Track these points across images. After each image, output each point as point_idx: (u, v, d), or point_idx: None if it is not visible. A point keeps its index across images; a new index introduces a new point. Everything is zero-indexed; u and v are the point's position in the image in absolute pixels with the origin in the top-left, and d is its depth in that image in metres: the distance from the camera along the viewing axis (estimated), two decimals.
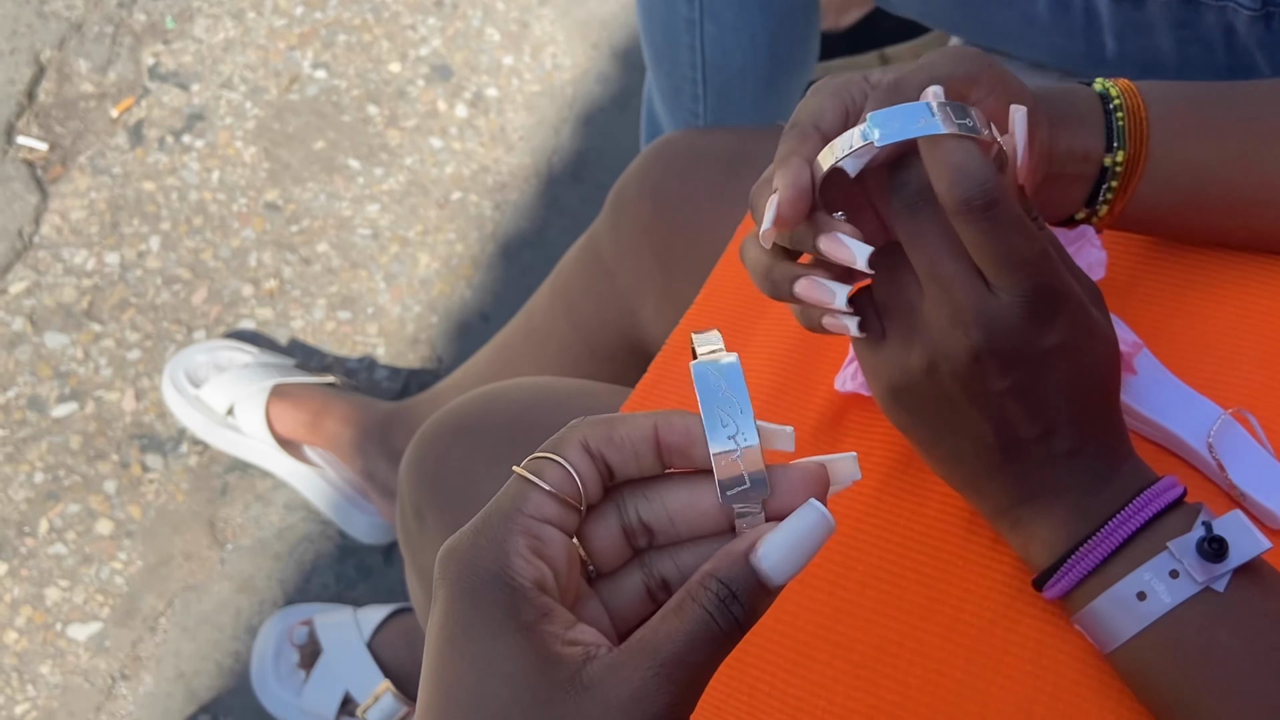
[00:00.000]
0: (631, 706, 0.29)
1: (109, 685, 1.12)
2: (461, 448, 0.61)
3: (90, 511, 1.19)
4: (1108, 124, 0.51)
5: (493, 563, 0.31)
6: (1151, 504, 0.45)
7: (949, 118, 0.42)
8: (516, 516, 0.31)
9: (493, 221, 1.34)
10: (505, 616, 0.30)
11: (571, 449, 0.33)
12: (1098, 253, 0.57)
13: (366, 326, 1.28)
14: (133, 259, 1.32)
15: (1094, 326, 0.45)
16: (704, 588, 0.31)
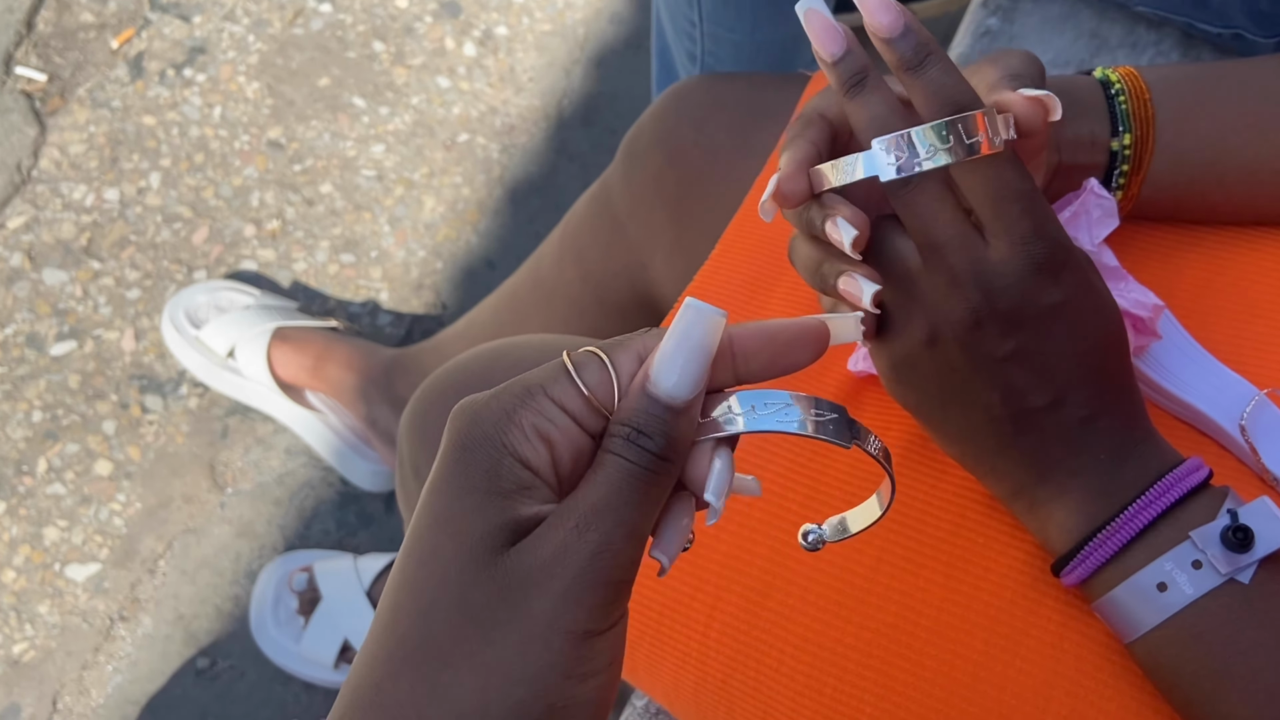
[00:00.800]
0: (553, 565, 0.29)
1: (107, 626, 1.11)
2: None
3: (89, 452, 1.17)
4: (1110, 109, 0.52)
5: (493, 427, 0.30)
6: (1174, 489, 0.43)
7: (959, 142, 0.40)
8: (536, 394, 0.31)
9: (500, 165, 1.31)
10: (481, 478, 0.30)
11: (625, 354, 0.31)
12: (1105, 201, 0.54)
13: (370, 270, 1.26)
14: (133, 195, 1.29)
15: (1096, 285, 0.44)
16: (611, 435, 0.30)
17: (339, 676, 1.06)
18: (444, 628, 0.29)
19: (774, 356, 0.32)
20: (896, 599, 0.48)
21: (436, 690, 0.28)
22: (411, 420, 0.61)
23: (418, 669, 0.29)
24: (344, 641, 1.05)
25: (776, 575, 0.50)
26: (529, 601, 0.28)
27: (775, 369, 0.32)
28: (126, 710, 1.08)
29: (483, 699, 0.28)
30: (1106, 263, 0.53)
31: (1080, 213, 0.54)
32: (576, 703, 0.29)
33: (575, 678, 0.29)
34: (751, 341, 0.32)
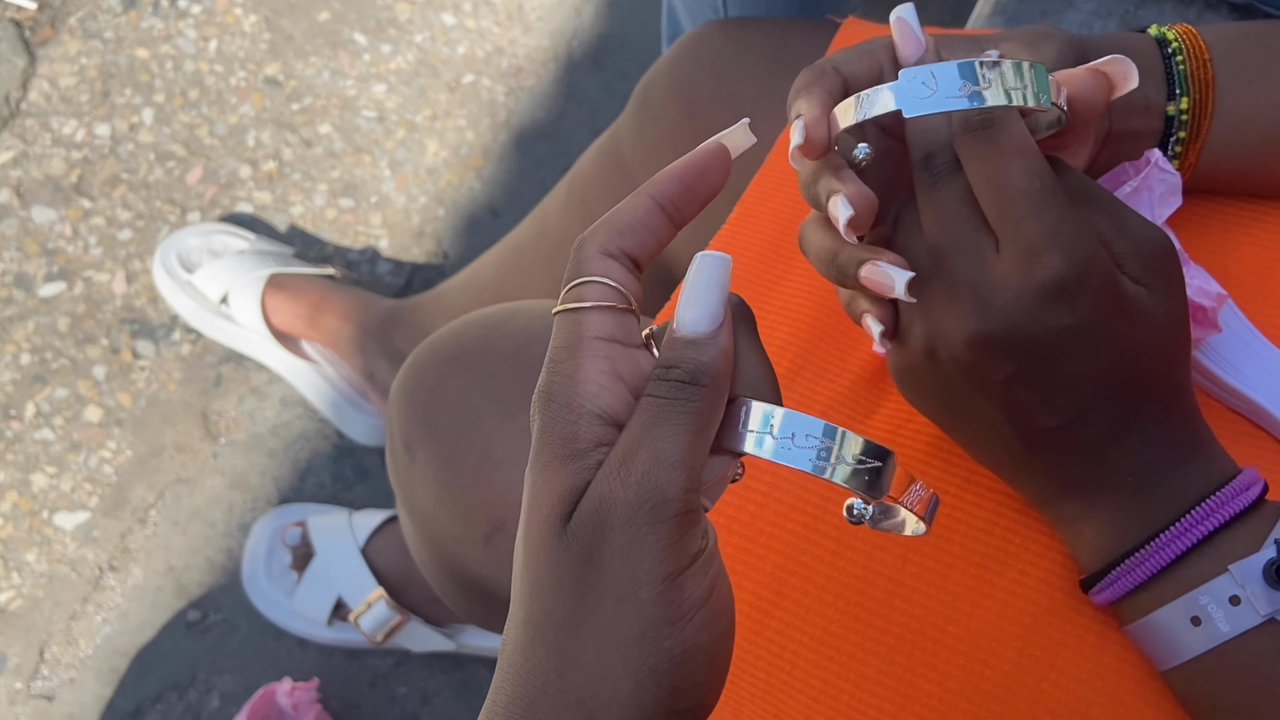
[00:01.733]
0: (606, 516, 0.29)
1: (96, 576, 1.09)
2: (458, 379, 0.55)
3: (79, 397, 1.14)
4: (1167, 70, 0.47)
5: (563, 391, 0.31)
6: (1214, 514, 0.39)
7: (999, 84, 0.35)
8: (583, 344, 0.31)
9: (506, 109, 1.26)
10: (559, 446, 0.30)
11: (593, 262, 0.32)
12: (1170, 177, 0.50)
13: (369, 216, 1.21)
14: (124, 132, 1.24)
15: (1128, 305, 0.38)
16: (649, 383, 0.31)
17: (332, 633, 1.04)
18: (554, 601, 0.30)
19: (689, 193, 0.33)
20: (923, 601, 0.45)
21: (567, 658, 0.29)
22: (402, 391, 0.58)
23: (549, 640, 0.30)
24: (337, 599, 1.02)
25: (792, 572, 0.47)
26: (602, 561, 0.29)
27: (696, 202, 0.33)
28: (115, 661, 1.06)
29: (606, 663, 0.29)
30: None
31: (1143, 189, 0.49)
32: (694, 646, 0.29)
33: (679, 623, 0.29)
34: (668, 186, 0.33)
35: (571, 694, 0.29)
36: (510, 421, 0.53)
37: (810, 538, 0.47)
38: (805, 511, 0.47)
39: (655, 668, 0.29)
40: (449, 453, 0.55)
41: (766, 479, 0.49)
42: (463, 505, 0.55)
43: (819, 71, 0.42)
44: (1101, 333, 0.38)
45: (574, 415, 0.30)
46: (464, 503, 0.55)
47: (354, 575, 1.02)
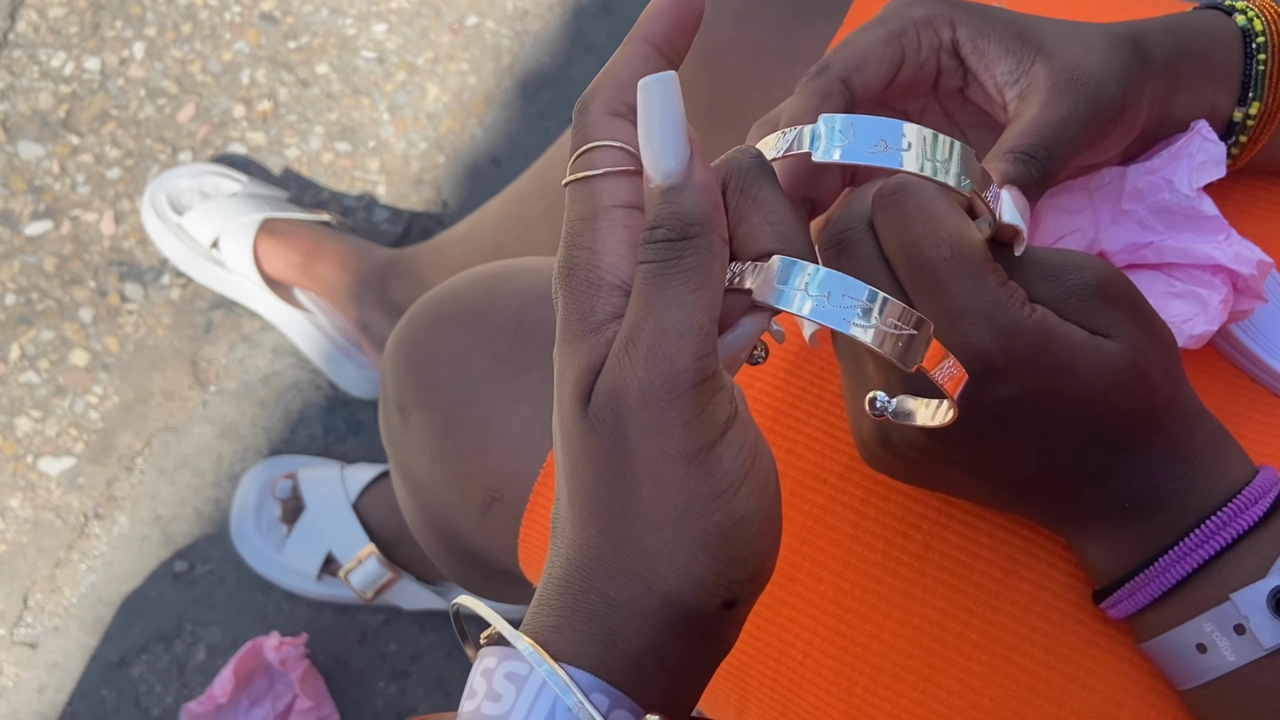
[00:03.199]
0: (621, 396, 0.28)
1: (82, 523, 1.06)
2: (457, 338, 0.52)
3: (64, 340, 1.11)
4: (1246, 69, 0.43)
5: (583, 263, 0.30)
6: (1215, 537, 0.36)
7: (919, 152, 0.32)
8: (600, 214, 0.30)
9: (510, 53, 1.22)
10: (578, 321, 0.30)
11: (600, 125, 0.31)
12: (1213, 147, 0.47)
13: (367, 161, 1.18)
14: (115, 66, 1.20)
15: (1075, 356, 0.35)
16: (640, 249, 0.30)
17: (322, 588, 1.02)
18: (592, 482, 0.29)
19: (679, 24, 0.31)
20: (945, 593, 0.42)
21: (617, 533, 0.29)
22: (397, 350, 0.55)
23: (597, 517, 0.29)
24: (327, 553, 1.00)
25: (806, 557, 0.44)
26: (629, 443, 0.28)
27: (688, 32, 0.32)
28: (100, 611, 1.04)
29: (658, 538, 0.28)
30: (1205, 211, 0.46)
31: (1182, 154, 0.46)
32: (744, 516, 0.28)
33: (724, 495, 0.28)
34: (658, 24, 0.31)
35: (628, 565, 0.29)
36: (511, 386, 0.51)
37: (827, 520, 0.44)
38: (822, 492, 0.45)
39: (707, 541, 0.28)
40: (446, 418, 0.52)
41: (780, 454, 0.46)
42: (459, 474, 0.53)
43: (823, 93, 0.40)
44: (1049, 393, 0.35)
45: (594, 289, 0.30)
46: (461, 471, 0.52)
47: (345, 530, 0.99)
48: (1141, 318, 0.37)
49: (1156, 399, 0.37)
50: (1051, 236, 0.48)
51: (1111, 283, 0.36)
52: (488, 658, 0.30)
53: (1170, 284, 0.46)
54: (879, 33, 0.41)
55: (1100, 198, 0.47)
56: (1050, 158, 0.38)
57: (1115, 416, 0.36)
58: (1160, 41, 0.42)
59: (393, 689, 1.03)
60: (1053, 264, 0.37)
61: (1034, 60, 0.40)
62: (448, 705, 1.03)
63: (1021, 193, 0.37)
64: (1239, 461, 0.38)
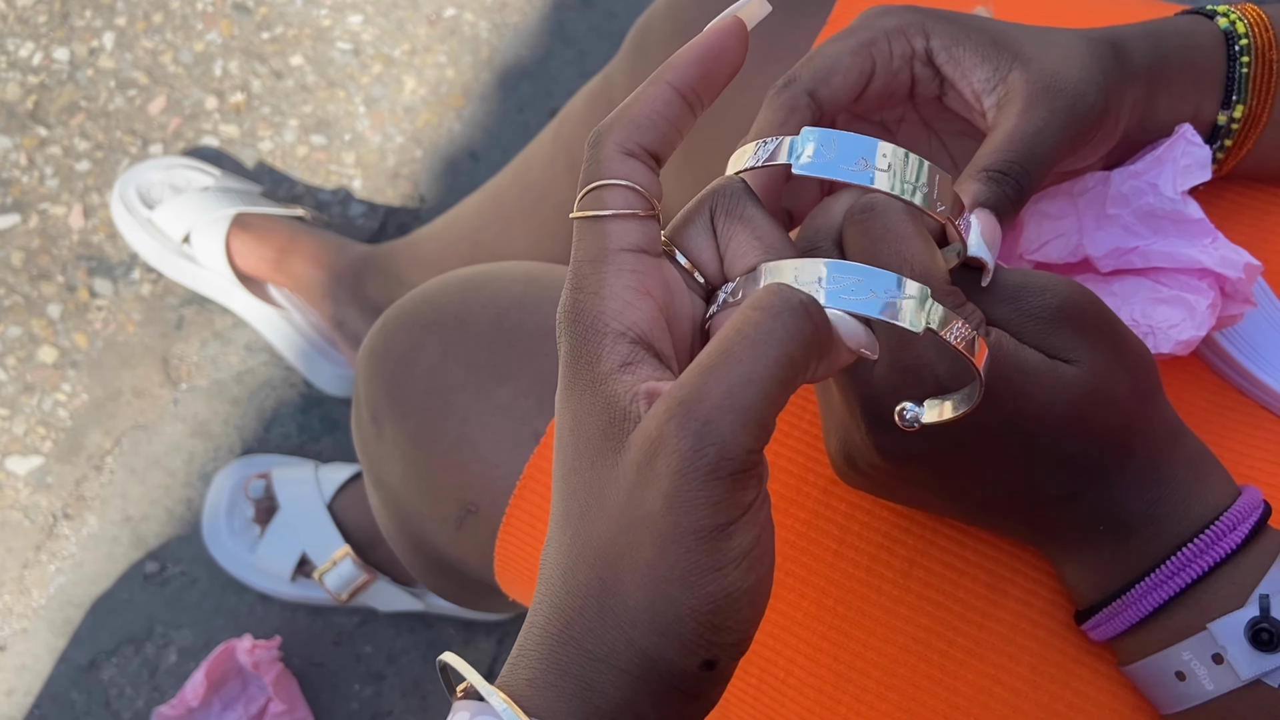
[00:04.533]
0: (654, 463, 0.27)
1: (50, 524, 1.04)
2: (432, 346, 0.51)
3: (32, 336, 1.09)
4: (1229, 72, 0.43)
5: (591, 310, 0.30)
6: (1192, 565, 0.36)
7: (897, 172, 0.31)
8: (608, 257, 0.30)
9: (489, 46, 1.20)
10: (588, 367, 0.29)
11: (612, 163, 0.30)
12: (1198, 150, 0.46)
13: (342, 155, 1.16)
14: (84, 56, 1.17)
15: (1033, 382, 0.35)
16: (741, 308, 0.28)
17: (296, 590, 1.00)
18: (593, 531, 0.28)
19: (708, 76, 0.31)
20: (930, 610, 0.41)
21: (607, 587, 0.28)
22: (370, 358, 0.54)
23: (588, 566, 0.29)
24: (301, 555, 0.99)
25: (789, 574, 0.43)
26: (646, 504, 0.27)
27: (716, 86, 0.31)
28: (69, 613, 1.02)
29: (648, 597, 0.28)
30: (1191, 215, 0.45)
31: (1166, 158, 0.45)
32: (736, 590, 0.28)
33: (723, 570, 0.27)
34: (686, 72, 0.31)
35: (610, 618, 0.28)
36: (487, 397, 0.49)
37: (810, 536, 0.43)
38: (805, 507, 0.44)
39: (696, 609, 0.28)
40: (419, 429, 0.51)
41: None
42: (433, 486, 0.51)
43: (790, 106, 0.39)
44: (1007, 419, 0.35)
45: (599, 336, 0.29)
46: (435, 483, 0.51)
47: (319, 531, 0.98)
48: (1109, 340, 0.36)
49: (1123, 422, 0.36)
50: (1035, 242, 0.47)
51: (1074, 305, 0.36)
52: (461, 712, 0.29)
53: (1156, 289, 0.45)
54: (848, 43, 0.41)
55: (1084, 202, 0.47)
56: (1026, 173, 0.38)
57: (1077, 441, 0.36)
58: (1141, 45, 0.41)
59: (368, 691, 1.01)
60: (1014, 285, 0.36)
61: (1010, 67, 0.39)
62: (424, 707, 1.01)
63: (994, 215, 0.36)
64: (1219, 484, 0.37)
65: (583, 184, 0.30)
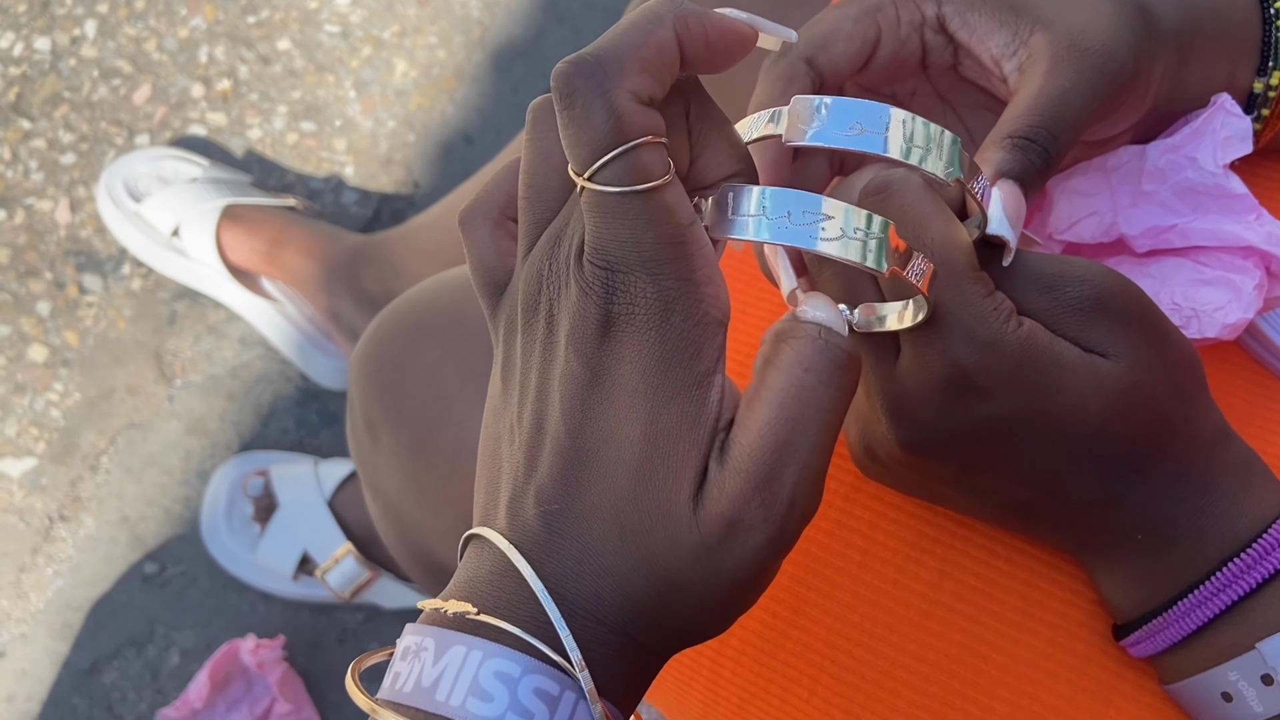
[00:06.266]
0: (726, 528, 0.26)
1: (46, 526, 1.02)
2: (428, 352, 0.48)
3: (22, 335, 1.06)
4: (1265, 36, 0.40)
5: (690, 298, 0.27)
6: (1237, 582, 0.33)
7: (899, 134, 0.29)
8: (688, 237, 0.27)
9: (481, 25, 1.17)
10: (686, 366, 0.27)
11: (636, 115, 0.26)
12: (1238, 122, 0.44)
13: (333, 141, 1.13)
14: (66, 46, 1.14)
15: (1066, 375, 0.33)
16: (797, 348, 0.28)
17: (298, 588, 0.98)
18: (671, 561, 0.27)
19: (708, 51, 0.27)
20: (962, 624, 0.39)
21: (668, 605, 0.28)
22: (363, 364, 0.51)
23: (652, 583, 0.27)
24: (303, 553, 0.97)
25: (811, 587, 0.41)
26: (724, 568, 0.27)
27: (699, 64, 0.27)
28: (68, 616, 1.00)
29: (706, 622, 0.28)
30: (1233, 189, 0.43)
31: (1205, 130, 0.43)
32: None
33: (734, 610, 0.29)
34: (695, 35, 0.27)
35: (664, 628, 0.28)
36: None
37: (833, 546, 0.41)
38: (827, 516, 0.42)
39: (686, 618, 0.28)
40: (417, 439, 0.48)
41: None
42: (433, 499, 0.49)
43: (788, 75, 0.37)
44: (1036, 413, 0.33)
45: (703, 328, 0.27)
46: (435, 496, 0.49)
47: (320, 529, 0.96)
48: (1150, 334, 0.34)
49: (1163, 422, 0.34)
50: (1065, 221, 0.45)
51: (1114, 296, 0.33)
52: (457, 645, 0.27)
53: (1199, 270, 0.43)
54: (849, 9, 0.38)
55: (1118, 178, 0.44)
56: (1054, 139, 0.35)
57: (1114, 440, 0.33)
58: (1169, 9, 0.38)
59: (375, 689, 0.99)
60: (1050, 274, 0.34)
61: (1031, 30, 0.37)
62: None
63: (1018, 187, 0.34)
64: (1268, 492, 0.35)
65: (599, 147, 0.25)
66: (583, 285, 0.27)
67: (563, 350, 0.27)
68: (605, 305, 0.27)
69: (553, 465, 0.27)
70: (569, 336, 0.27)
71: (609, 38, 0.26)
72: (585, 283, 0.27)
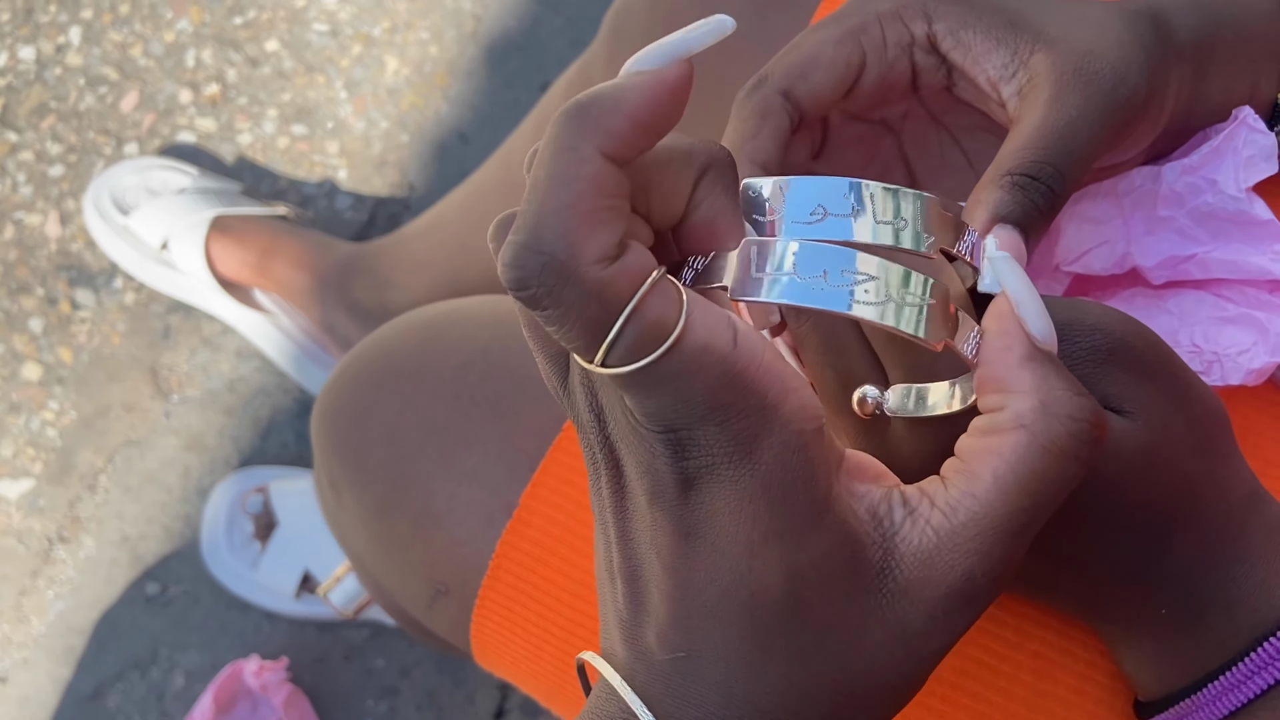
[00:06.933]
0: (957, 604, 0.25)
1: (46, 548, 1.01)
2: (388, 406, 0.45)
3: (14, 353, 1.05)
4: None
5: (780, 418, 0.24)
6: (1272, 665, 0.30)
7: (864, 210, 0.25)
8: (752, 350, 0.23)
9: (473, 18, 1.14)
10: (804, 495, 0.24)
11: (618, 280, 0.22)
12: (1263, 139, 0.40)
13: (326, 144, 1.10)
14: (50, 54, 1.12)
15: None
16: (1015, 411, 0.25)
17: (301, 607, 0.96)
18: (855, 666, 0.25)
19: (658, 130, 0.23)
20: (968, 702, 0.36)
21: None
22: (321, 420, 0.48)
23: (826, 702, 0.25)
24: (305, 571, 0.95)
25: None
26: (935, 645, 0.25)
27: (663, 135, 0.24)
28: (71, 640, 0.99)
29: None
30: (1257, 215, 0.39)
31: (1225, 149, 0.39)
32: None
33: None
34: (615, 127, 0.23)
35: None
36: (451, 464, 0.44)
37: None
38: None
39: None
40: (380, 501, 0.46)
41: None
42: (400, 562, 0.46)
43: (763, 111, 0.33)
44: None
45: (799, 452, 0.24)
46: (401, 560, 0.46)
47: (321, 546, 0.94)
48: (1171, 388, 0.30)
49: (1187, 487, 0.30)
50: (1074, 251, 0.41)
51: (1130, 346, 0.30)
52: None
53: (1220, 306, 0.39)
54: (830, 31, 0.35)
55: (1131, 203, 0.40)
56: (1059, 175, 0.31)
57: (1133, 507, 0.30)
58: (1185, 17, 0.35)
59: (383, 707, 0.98)
60: (1058, 322, 0.30)
61: (1032, 49, 0.33)
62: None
63: (1018, 233, 0.30)
64: None
65: (585, 330, 0.22)
66: (647, 445, 0.23)
67: (644, 505, 0.24)
68: (679, 464, 0.23)
69: (667, 614, 0.25)
70: (649, 495, 0.24)
71: (537, 207, 0.22)
72: (648, 444, 0.23)
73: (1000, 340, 0.25)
